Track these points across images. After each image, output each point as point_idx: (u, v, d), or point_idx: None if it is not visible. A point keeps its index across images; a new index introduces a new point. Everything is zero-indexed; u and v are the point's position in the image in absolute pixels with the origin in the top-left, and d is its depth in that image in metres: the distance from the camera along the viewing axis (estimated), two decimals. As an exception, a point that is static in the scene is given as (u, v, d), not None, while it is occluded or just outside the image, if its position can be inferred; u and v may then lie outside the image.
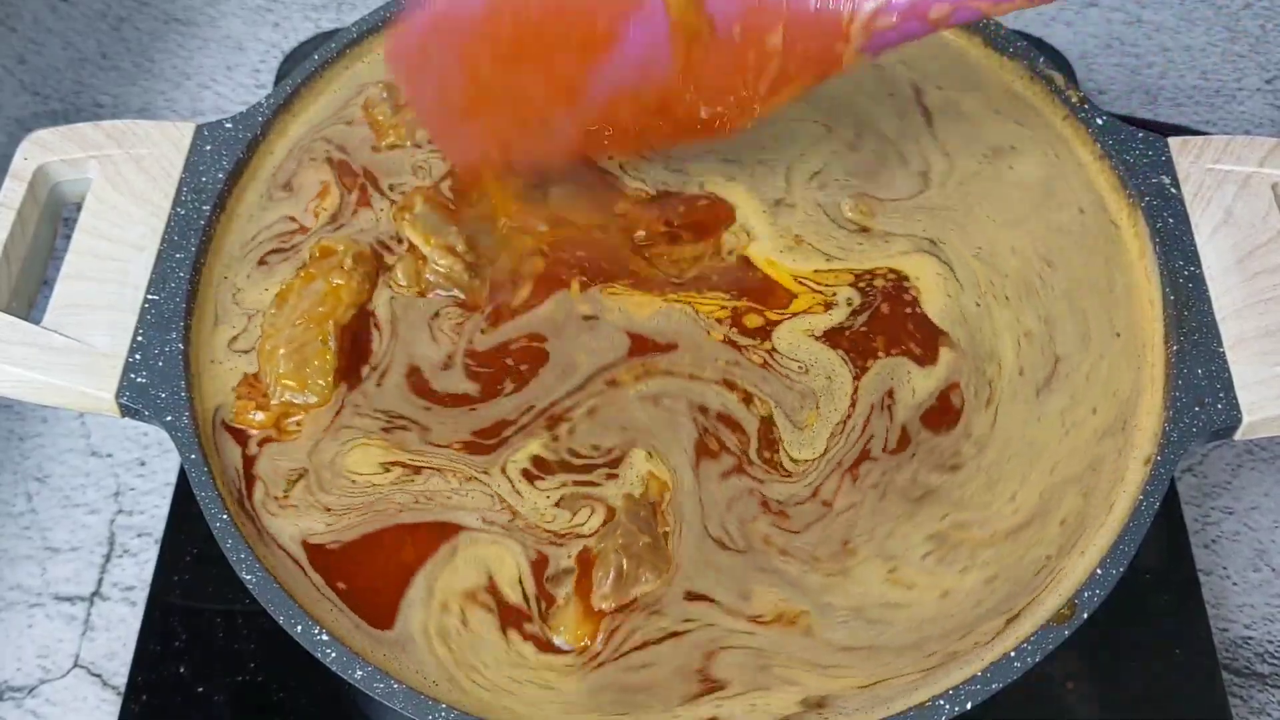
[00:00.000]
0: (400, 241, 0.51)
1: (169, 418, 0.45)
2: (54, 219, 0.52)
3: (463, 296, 0.49)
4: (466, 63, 0.46)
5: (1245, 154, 0.50)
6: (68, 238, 0.49)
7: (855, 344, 0.48)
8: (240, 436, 0.46)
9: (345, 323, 0.48)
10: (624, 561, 0.42)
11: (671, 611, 0.42)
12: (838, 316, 0.48)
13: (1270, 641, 0.54)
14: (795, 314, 0.49)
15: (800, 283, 0.49)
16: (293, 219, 0.52)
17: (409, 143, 0.54)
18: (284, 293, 0.49)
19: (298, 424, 0.46)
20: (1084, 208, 0.51)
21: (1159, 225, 0.49)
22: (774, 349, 0.48)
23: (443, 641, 0.42)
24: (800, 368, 0.47)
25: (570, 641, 0.42)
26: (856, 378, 0.47)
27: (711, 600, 0.43)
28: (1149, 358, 0.48)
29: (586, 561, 0.43)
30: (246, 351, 0.48)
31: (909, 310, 0.49)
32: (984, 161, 0.53)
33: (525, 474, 0.45)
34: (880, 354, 0.48)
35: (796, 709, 0.41)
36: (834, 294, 0.49)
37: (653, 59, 0.44)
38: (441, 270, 0.49)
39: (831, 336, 0.48)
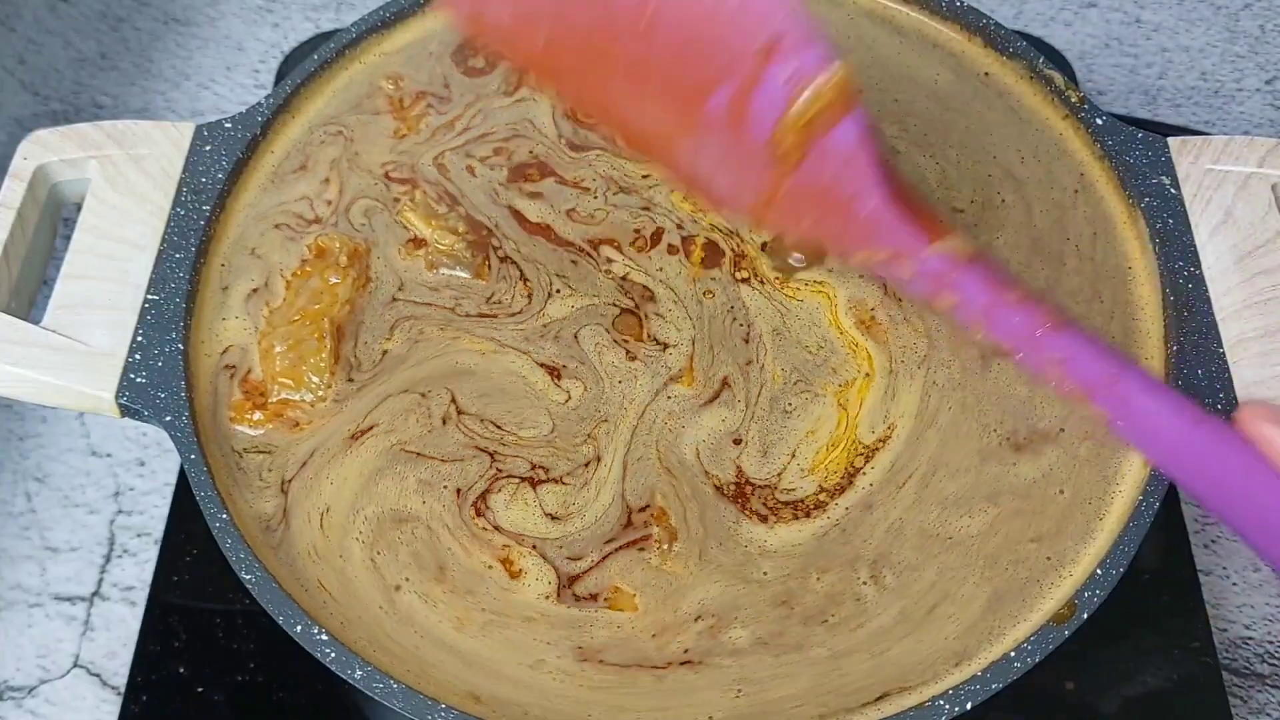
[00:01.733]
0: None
1: (168, 418, 0.45)
2: (54, 219, 0.52)
3: (467, 274, 0.50)
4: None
5: (1245, 154, 0.50)
6: (68, 238, 0.49)
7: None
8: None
9: (341, 320, 0.49)
10: None
11: None
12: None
13: (1270, 641, 0.54)
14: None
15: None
16: (308, 199, 0.53)
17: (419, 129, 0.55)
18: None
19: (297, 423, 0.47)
20: None
21: (1159, 225, 0.49)
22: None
23: None
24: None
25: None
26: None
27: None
28: (1149, 358, 0.48)
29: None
30: (254, 333, 0.49)
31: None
32: None
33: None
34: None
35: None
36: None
37: (723, 139, 0.40)
38: (444, 249, 0.50)
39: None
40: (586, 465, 0.45)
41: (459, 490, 0.45)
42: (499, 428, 0.46)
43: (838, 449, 0.46)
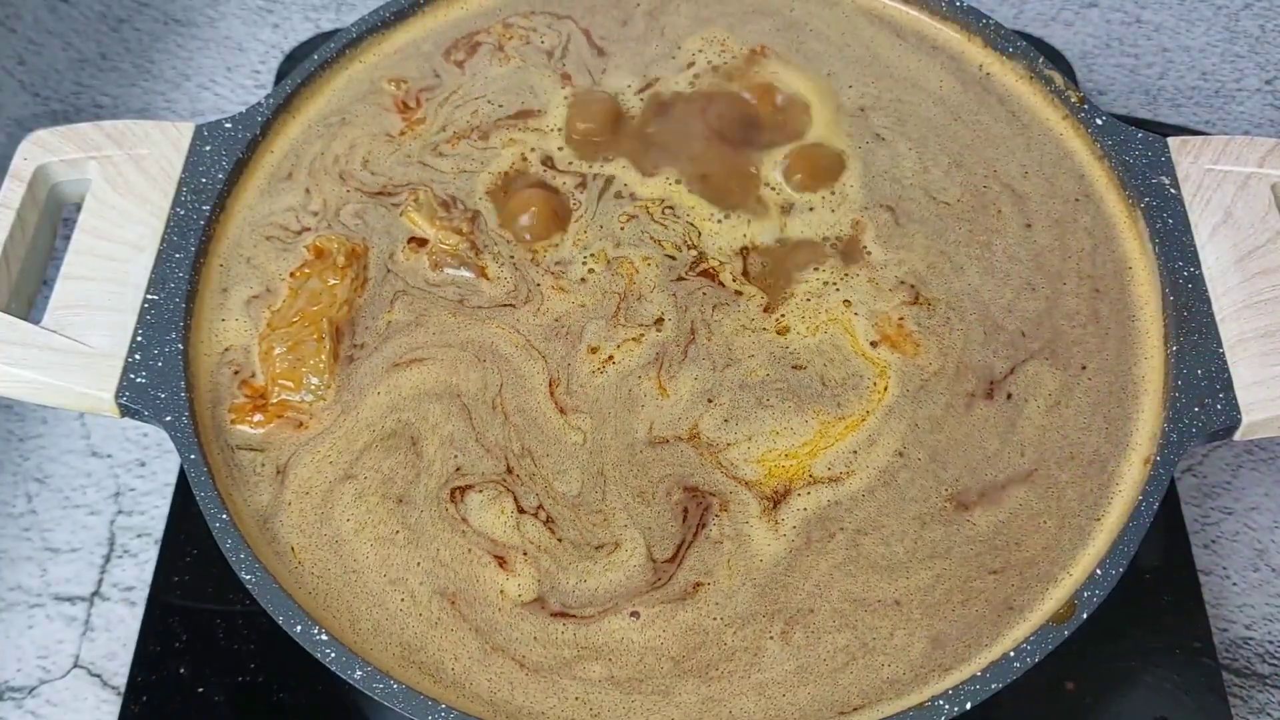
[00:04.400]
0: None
1: (169, 418, 0.45)
2: (54, 219, 0.52)
3: (470, 274, 0.50)
4: None
5: (1245, 154, 0.50)
6: (68, 238, 0.49)
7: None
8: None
9: (339, 321, 0.49)
10: None
11: None
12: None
13: (1270, 641, 0.54)
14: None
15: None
16: (294, 212, 0.53)
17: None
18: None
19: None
20: None
21: (1159, 225, 0.49)
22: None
23: None
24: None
25: None
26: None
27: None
28: (1149, 358, 0.48)
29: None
30: (255, 329, 0.49)
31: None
32: None
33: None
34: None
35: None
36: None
37: None
38: (447, 248, 0.50)
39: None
40: (600, 548, 0.44)
41: (458, 468, 0.46)
42: (535, 462, 0.46)
43: (791, 460, 0.45)
